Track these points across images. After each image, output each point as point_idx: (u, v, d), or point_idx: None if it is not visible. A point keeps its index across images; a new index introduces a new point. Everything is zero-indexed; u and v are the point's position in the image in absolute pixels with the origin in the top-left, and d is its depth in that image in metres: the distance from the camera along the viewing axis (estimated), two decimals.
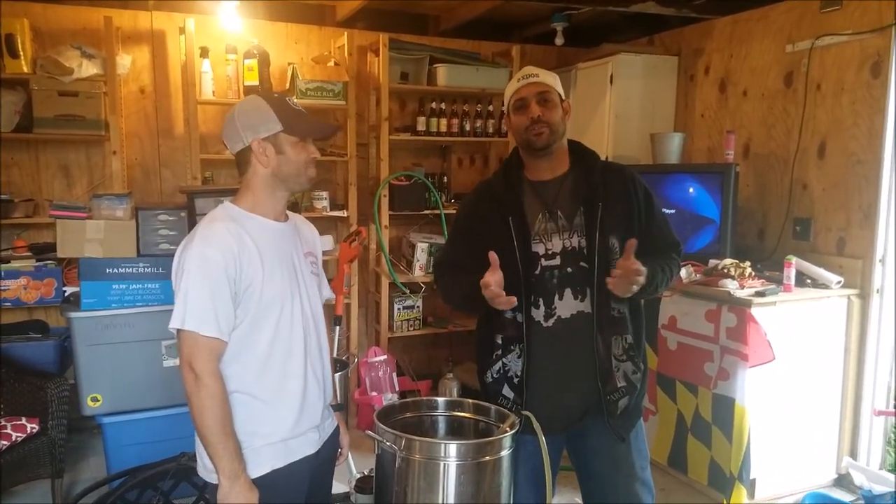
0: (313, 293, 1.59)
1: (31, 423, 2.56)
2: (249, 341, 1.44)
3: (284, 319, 1.47)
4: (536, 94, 1.71)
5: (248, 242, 1.43)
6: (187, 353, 1.37)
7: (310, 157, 1.50)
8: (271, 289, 1.45)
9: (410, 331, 3.94)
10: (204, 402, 1.36)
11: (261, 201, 1.50)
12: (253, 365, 1.45)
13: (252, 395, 1.45)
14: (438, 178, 4.03)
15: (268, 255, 1.46)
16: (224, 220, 1.45)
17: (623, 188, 1.75)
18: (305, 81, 3.50)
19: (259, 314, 1.44)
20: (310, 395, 1.53)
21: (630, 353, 1.74)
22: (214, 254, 1.38)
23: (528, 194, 1.75)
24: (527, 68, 1.77)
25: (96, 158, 3.43)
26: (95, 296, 2.62)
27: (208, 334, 1.37)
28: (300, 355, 1.51)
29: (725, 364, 2.66)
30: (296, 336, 1.50)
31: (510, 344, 1.74)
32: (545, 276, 1.70)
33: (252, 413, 1.45)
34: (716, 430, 2.72)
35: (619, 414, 1.73)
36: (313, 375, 1.54)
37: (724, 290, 2.70)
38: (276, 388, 1.47)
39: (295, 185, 1.52)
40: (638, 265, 1.56)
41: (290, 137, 1.46)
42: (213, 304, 1.37)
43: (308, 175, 1.51)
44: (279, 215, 1.54)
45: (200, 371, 1.36)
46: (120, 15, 3.38)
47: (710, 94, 3.56)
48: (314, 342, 1.56)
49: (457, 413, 1.69)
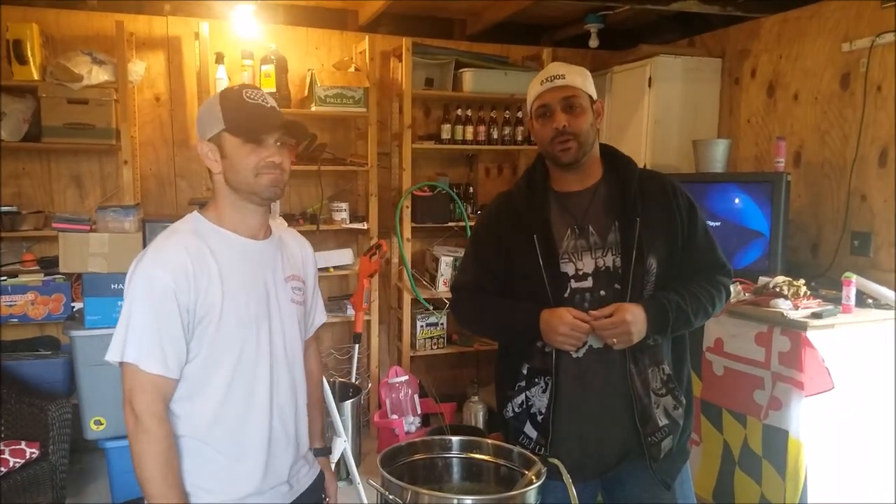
0: (289, 325, 1.36)
1: (31, 447, 2.43)
2: (204, 381, 1.23)
3: (247, 357, 1.26)
4: (562, 101, 1.49)
5: (210, 263, 1.22)
6: (128, 389, 1.18)
7: (263, 162, 1.23)
8: (232, 319, 1.24)
9: (434, 349, 3.75)
10: (144, 447, 1.17)
11: (225, 213, 1.29)
12: (206, 408, 1.24)
13: (205, 442, 1.24)
14: (464, 188, 3.85)
15: (231, 278, 1.25)
16: (185, 233, 1.25)
17: (663, 201, 1.54)
18: (325, 88, 3.36)
19: (215, 350, 1.23)
20: (275, 448, 1.31)
21: (669, 385, 1.52)
22: (164, 276, 1.18)
23: (555, 208, 1.55)
24: (552, 66, 1.55)
25: (109, 168, 3.33)
26: (99, 313, 2.51)
27: (151, 371, 1.17)
28: (264, 401, 1.29)
29: (778, 392, 2.41)
30: (260, 377, 1.28)
31: (535, 376, 1.54)
32: (575, 299, 1.49)
33: (203, 464, 1.25)
34: (767, 464, 2.47)
35: (662, 457, 1.51)
36: (281, 425, 1.32)
37: (776, 310, 2.45)
38: (232, 441, 1.26)
39: (251, 196, 1.27)
40: (619, 317, 1.40)
41: (233, 138, 1.23)
42: (159, 336, 1.17)
43: (261, 183, 1.24)
44: (254, 231, 1.32)
45: (141, 412, 1.17)
46: (135, 21, 3.30)
47: (758, 99, 3.31)
48: (285, 385, 1.34)
49: (474, 455, 1.48)
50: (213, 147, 1.26)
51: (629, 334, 1.40)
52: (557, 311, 1.43)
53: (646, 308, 1.43)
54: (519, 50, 3.93)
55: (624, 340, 1.41)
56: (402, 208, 3.58)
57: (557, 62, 1.59)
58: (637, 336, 1.41)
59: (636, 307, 1.42)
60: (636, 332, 1.41)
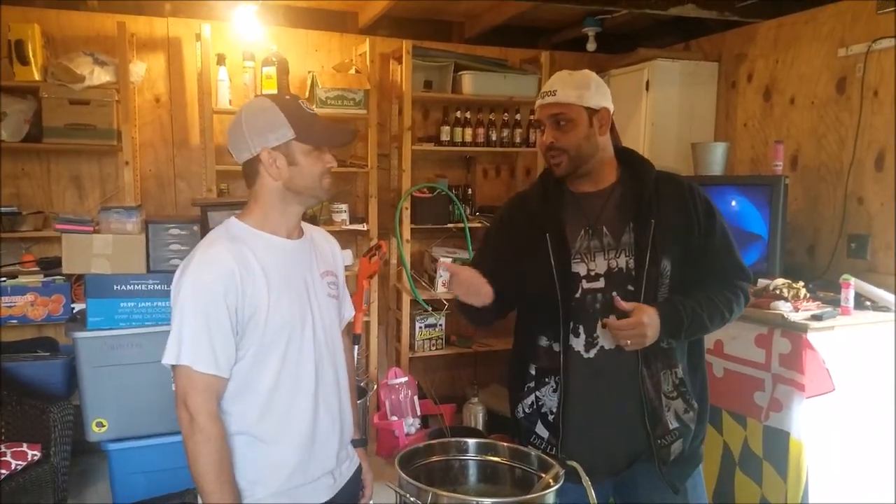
0: (329, 319, 1.43)
1: (33, 449, 2.41)
2: (253, 377, 1.29)
3: (292, 351, 1.32)
4: (550, 117, 1.51)
5: (253, 265, 1.28)
6: (182, 390, 1.24)
7: (325, 168, 1.34)
8: (278, 317, 1.29)
9: (432, 350, 3.75)
10: (199, 446, 1.22)
11: (271, 217, 1.35)
12: (256, 404, 1.30)
13: (255, 436, 1.30)
14: (463, 190, 3.86)
15: (275, 278, 1.30)
16: (225, 240, 1.30)
17: (680, 203, 1.55)
18: (325, 90, 3.36)
19: (263, 347, 1.28)
20: (320, 434, 1.37)
21: (681, 388, 1.54)
22: (212, 281, 1.24)
23: (570, 207, 1.56)
24: (552, 79, 1.56)
25: (109, 169, 3.31)
26: (102, 314, 2.48)
27: (204, 371, 1.23)
28: (310, 390, 1.35)
29: (778, 394, 2.43)
30: (305, 369, 1.34)
31: (544, 376, 1.55)
32: (587, 299, 1.50)
33: (254, 458, 1.30)
34: (767, 465, 2.49)
35: (672, 461, 1.53)
36: (326, 412, 1.38)
37: (776, 312, 2.47)
38: (281, 428, 1.32)
39: (309, 199, 1.39)
40: (637, 319, 1.40)
41: (303, 146, 1.30)
42: (210, 338, 1.23)
43: (324, 187, 1.35)
44: (292, 231, 1.38)
45: (196, 411, 1.23)
46: (135, 21, 3.28)
47: (754, 103, 3.35)
48: (329, 374, 1.40)
49: (490, 457, 1.49)
50: (278, 155, 1.30)
51: (643, 336, 1.41)
52: None
53: (660, 311, 1.44)
54: (517, 53, 3.95)
55: (637, 342, 1.42)
56: (402, 210, 3.57)
57: (558, 73, 1.57)
58: (650, 339, 1.42)
59: (652, 309, 1.43)
60: (650, 334, 1.41)
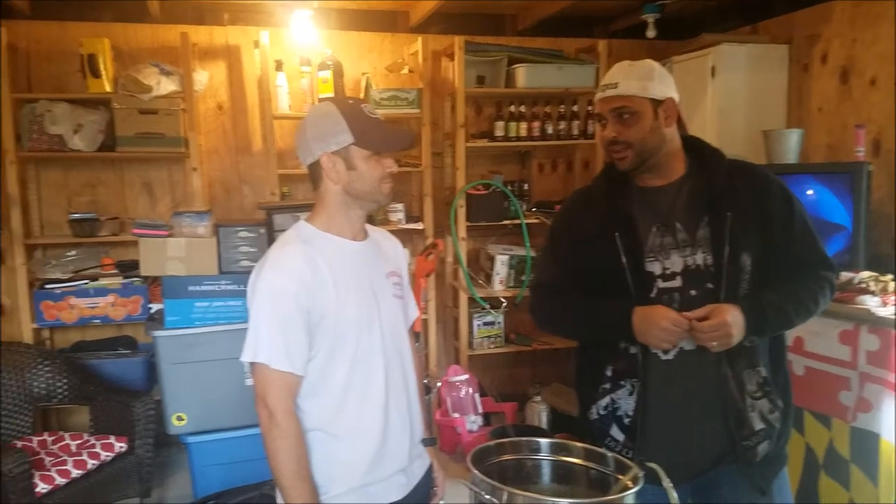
0: (396, 318, 1.44)
1: (120, 441, 2.56)
2: (325, 376, 1.32)
3: (362, 350, 1.34)
4: (611, 111, 1.46)
5: (322, 267, 1.31)
6: (261, 388, 1.28)
7: (385, 172, 1.36)
8: (346, 318, 1.32)
9: (491, 348, 3.73)
10: (277, 442, 1.26)
11: (335, 220, 1.37)
12: (330, 401, 1.33)
13: (330, 433, 1.33)
14: (518, 185, 3.82)
15: (343, 279, 1.32)
16: (296, 242, 1.34)
17: (756, 192, 1.47)
18: (379, 91, 3.39)
19: (335, 346, 1.31)
20: (392, 430, 1.39)
21: (765, 388, 1.46)
22: (285, 282, 1.27)
23: (638, 203, 1.50)
24: (612, 70, 1.49)
25: (178, 176, 3.43)
26: (179, 314, 2.59)
27: (280, 368, 1.26)
28: (380, 389, 1.37)
29: (867, 393, 2.29)
30: (375, 367, 1.37)
31: (621, 378, 1.49)
32: (663, 300, 1.44)
33: (330, 454, 1.33)
34: (855, 468, 2.35)
35: (758, 462, 1.46)
36: (396, 409, 1.40)
37: (862, 307, 2.33)
38: (354, 425, 1.35)
39: (370, 204, 1.41)
40: (720, 319, 1.34)
41: (362, 151, 1.32)
42: (285, 337, 1.27)
43: (383, 192, 1.37)
44: (357, 233, 1.41)
45: (274, 408, 1.27)
46: (196, 31, 3.38)
47: (830, 86, 3.17)
48: (397, 372, 1.42)
49: (563, 457, 1.45)
50: (337, 159, 1.32)
51: (730, 336, 1.35)
52: (656, 307, 1.39)
53: (743, 309, 1.37)
54: (572, 43, 3.86)
55: (724, 343, 1.36)
56: (457, 207, 3.56)
57: (619, 65, 1.51)
58: (737, 339, 1.36)
59: (734, 308, 1.36)
60: (736, 334, 1.35)
